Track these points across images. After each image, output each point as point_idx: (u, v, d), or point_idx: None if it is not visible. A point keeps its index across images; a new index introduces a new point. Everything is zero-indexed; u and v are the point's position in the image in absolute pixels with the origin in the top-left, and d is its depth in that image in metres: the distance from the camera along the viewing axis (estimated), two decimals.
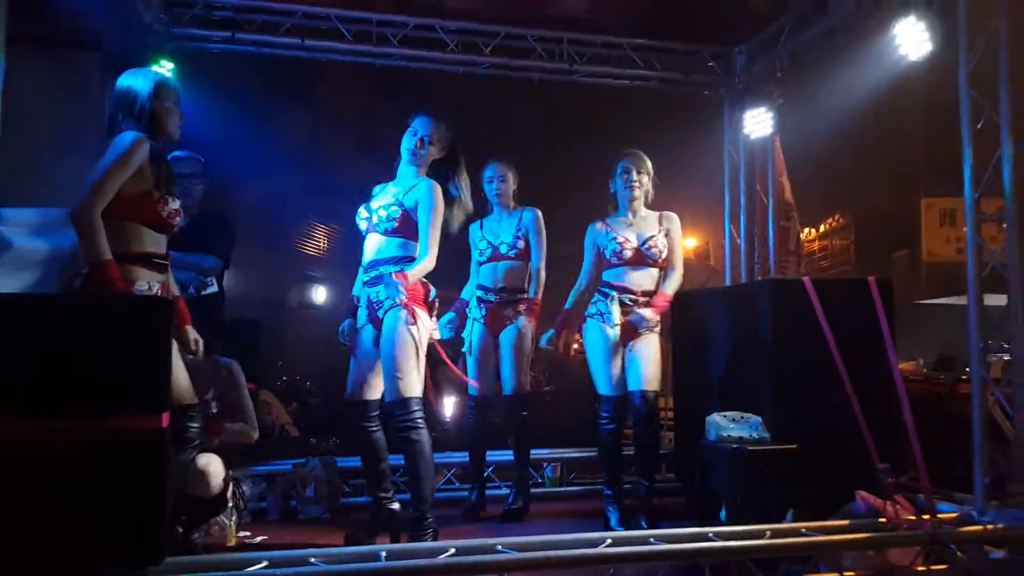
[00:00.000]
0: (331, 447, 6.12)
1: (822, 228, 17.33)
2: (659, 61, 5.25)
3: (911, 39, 4.00)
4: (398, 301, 3.13)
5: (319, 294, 13.32)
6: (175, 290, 2.94)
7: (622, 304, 3.77)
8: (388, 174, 3.49)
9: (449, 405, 6.58)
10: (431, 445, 3.22)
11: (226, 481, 3.04)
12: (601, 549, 2.66)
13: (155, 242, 2.66)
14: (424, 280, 3.28)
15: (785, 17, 4.84)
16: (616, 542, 2.73)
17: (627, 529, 3.57)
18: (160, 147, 2.75)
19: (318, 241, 14.06)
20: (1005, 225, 3.08)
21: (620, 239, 3.77)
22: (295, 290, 13.20)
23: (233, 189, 4.37)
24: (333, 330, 3.49)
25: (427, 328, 3.26)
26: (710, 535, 2.81)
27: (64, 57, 4.48)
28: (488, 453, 4.28)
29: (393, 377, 3.16)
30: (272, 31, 4.77)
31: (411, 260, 3.25)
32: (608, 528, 3.69)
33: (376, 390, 3.38)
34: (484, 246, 4.13)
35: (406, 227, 3.27)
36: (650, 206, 3.88)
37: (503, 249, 4.08)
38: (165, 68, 4.44)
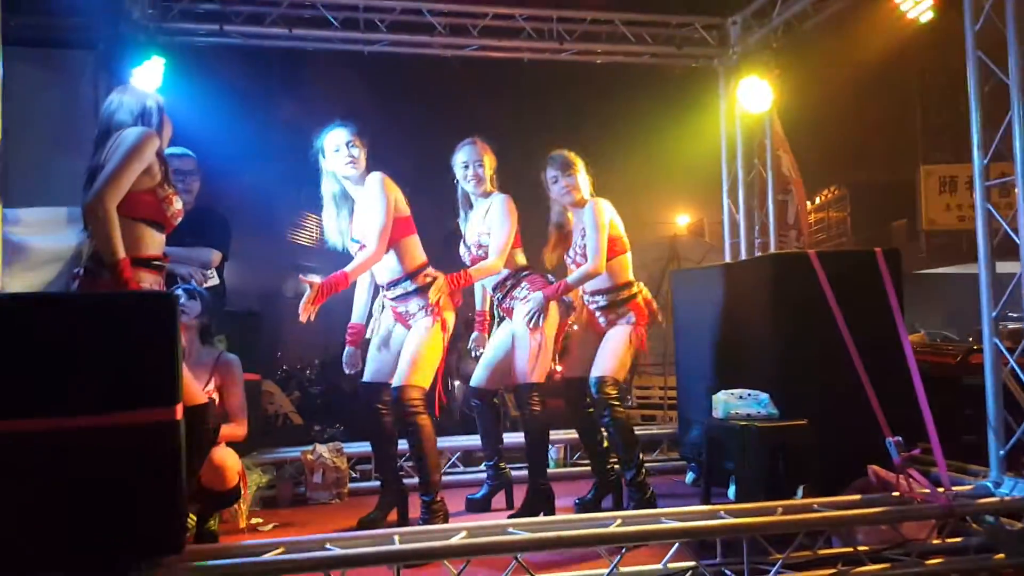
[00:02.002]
0: (336, 434, 6.13)
1: (818, 200, 17.26)
2: (651, 35, 5.16)
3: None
4: (431, 313, 3.29)
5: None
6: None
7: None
8: (376, 163, 3.45)
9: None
10: (434, 430, 3.25)
11: (240, 474, 3.07)
12: (612, 528, 2.64)
13: (156, 243, 2.63)
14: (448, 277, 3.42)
15: None
16: (627, 521, 2.71)
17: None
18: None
19: (311, 231, 14.04)
20: (1017, 190, 3.01)
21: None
22: (290, 281, 13.21)
23: (226, 182, 4.31)
24: (328, 320, 3.50)
25: (450, 328, 3.37)
26: (721, 513, 2.79)
27: (55, 55, 4.47)
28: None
29: (410, 362, 3.23)
30: (259, 22, 4.72)
31: (421, 270, 3.36)
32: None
33: (392, 376, 3.41)
34: (464, 251, 3.81)
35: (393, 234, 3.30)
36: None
37: (475, 251, 3.70)
38: (157, 63, 4.37)
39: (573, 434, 4.74)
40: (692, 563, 2.70)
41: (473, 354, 4.00)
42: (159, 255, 2.63)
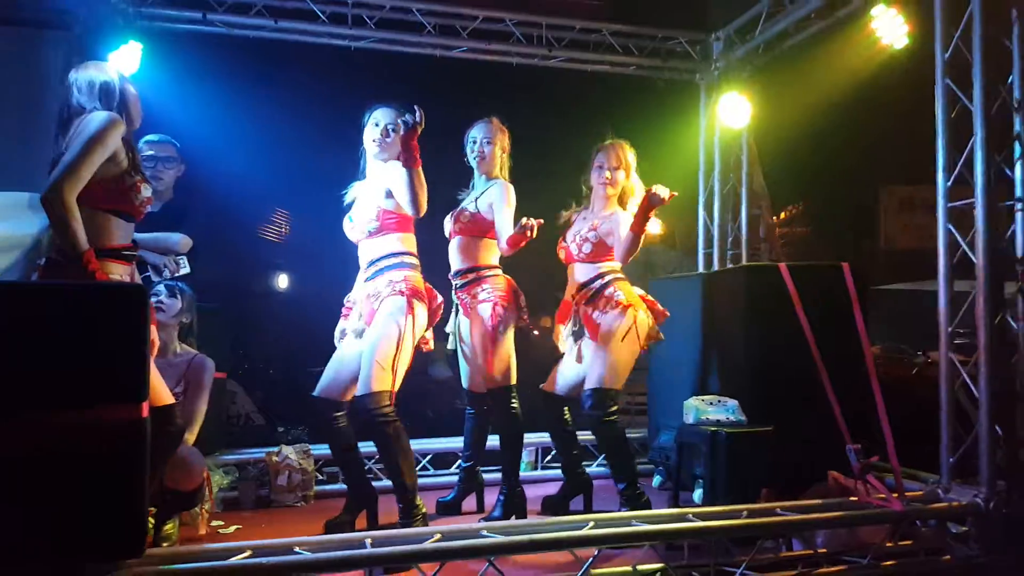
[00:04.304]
0: (300, 435, 6.08)
1: (782, 215, 17.64)
2: (637, 47, 5.26)
3: (889, 26, 4.06)
4: (398, 290, 3.13)
5: (281, 281, 13.20)
6: (137, 278, 2.84)
7: None
8: (354, 159, 3.46)
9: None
10: (406, 435, 3.16)
11: (204, 474, 3.02)
12: (585, 531, 2.70)
13: (125, 233, 2.53)
14: (431, 286, 3.31)
15: (762, 3, 4.88)
16: (599, 524, 2.76)
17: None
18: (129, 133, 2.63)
19: (280, 227, 13.86)
20: (977, 212, 3.16)
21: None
22: (257, 277, 13.04)
23: (200, 173, 4.26)
24: (294, 318, 3.46)
25: (420, 327, 3.23)
26: (689, 515, 2.87)
27: (26, 34, 4.31)
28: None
29: (372, 363, 3.09)
30: (244, 12, 4.65)
31: (409, 254, 3.28)
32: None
33: (349, 393, 3.34)
34: (449, 220, 3.75)
35: (388, 223, 3.27)
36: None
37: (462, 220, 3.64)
38: (134, 48, 4.31)
39: (546, 437, 4.84)
40: (661, 565, 2.78)
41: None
42: (128, 245, 2.54)
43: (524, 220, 3.29)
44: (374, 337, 3.14)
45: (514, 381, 3.58)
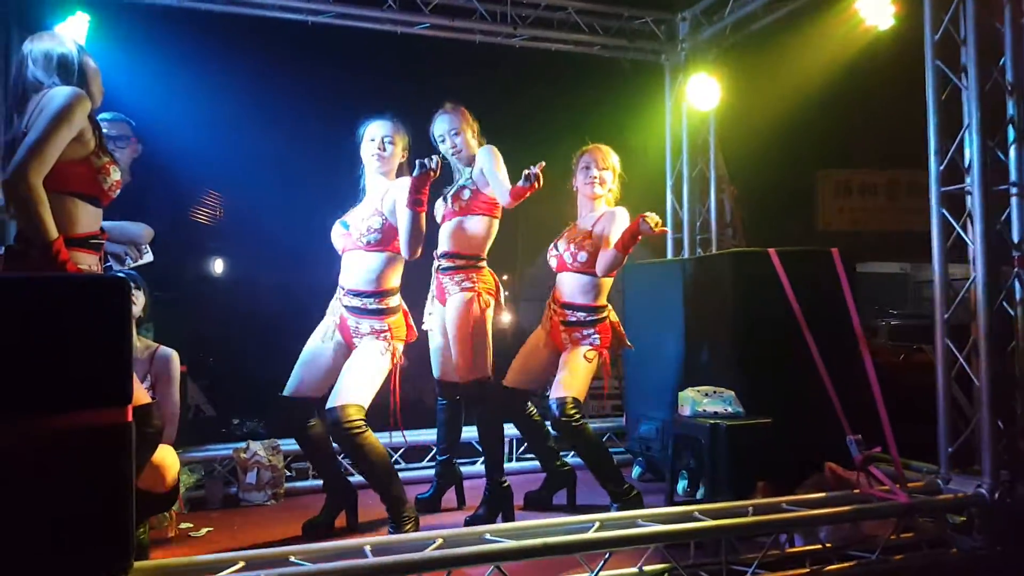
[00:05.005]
0: (255, 428, 5.76)
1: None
2: (602, 27, 5.10)
3: (875, 7, 4.00)
4: (381, 337, 3.17)
5: (217, 266, 12.71)
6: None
7: None
8: (303, 144, 3.26)
9: None
10: (377, 444, 3.08)
11: (179, 475, 2.80)
12: (594, 534, 2.57)
13: (93, 219, 2.32)
14: (407, 311, 3.29)
15: None
16: (605, 525, 2.65)
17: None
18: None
19: (216, 211, 13.31)
20: (973, 196, 3.12)
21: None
22: (192, 262, 12.53)
23: (157, 153, 3.93)
24: (231, 304, 3.29)
25: (398, 357, 3.23)
26: (696, 514, 2.77)
27: None
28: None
29: (352, 380, 3.08)
30: None
31: (392, 294, 3.23)
32: None
33: (321, 391, 3.25)
34: (440, 204, 3.60)
35: (389, 238, 3.14)
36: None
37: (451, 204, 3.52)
38: (81, 19, 3.91)
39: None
40: (668, 564, 2.67)
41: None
42: (96, 232, 2.34)
43: (527, 170, 3.15)
44: (355, 367, 3.13)
45: (491, 374, 3.45)
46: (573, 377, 3.48)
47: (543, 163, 3.15)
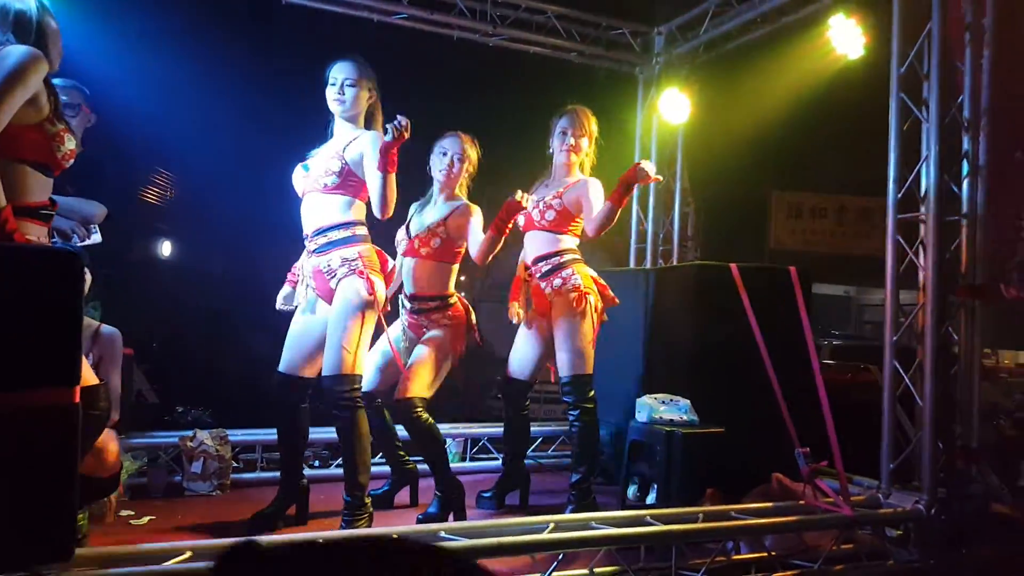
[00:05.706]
0: (200, 416, 5.61)
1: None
2: (580, 34, 5.15)
3: (846, 37, 4.13)
4: (355, 269, 2.95)
5: (164, 248, 12.35)
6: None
7: None
8: (259, 127, 3.19)
9: None
10: (367, 424, 3.03)
11: (120, 460, 2.69)
12: (548, 535, 2.60)
13: (43, 189, 2.20)
14: (380, 249, 3.13)
15: (708, 1, 4.88)
16: (560, 527, 2.67)
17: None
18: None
19: (166, 191, 12.94)
20: (929, 223, 3.25)
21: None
22: (139, 242, 12.14)
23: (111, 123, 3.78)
24: (178, 289, 3.19)
25: (380, 299, 3.06)
26: (647, 519, 2.81)
27: None
28: None
29: (339, 348, 2.95)
30: None
31: (359, 224, 3.07)
32: None
33: (314, 368, 3.17)
34: (401, 236, 3.61)
35: (348, 184, 3.04)
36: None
37: (416, 244, 3.50)
38: None
39: (474, 428, 4.69)
40: (618, 567, 2.70)
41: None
42: (46, 202, 2.21)
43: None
44: (339, 322, 2.99)
45: (428, 395, 3.38)
46: (575, 354, 3.41)
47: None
